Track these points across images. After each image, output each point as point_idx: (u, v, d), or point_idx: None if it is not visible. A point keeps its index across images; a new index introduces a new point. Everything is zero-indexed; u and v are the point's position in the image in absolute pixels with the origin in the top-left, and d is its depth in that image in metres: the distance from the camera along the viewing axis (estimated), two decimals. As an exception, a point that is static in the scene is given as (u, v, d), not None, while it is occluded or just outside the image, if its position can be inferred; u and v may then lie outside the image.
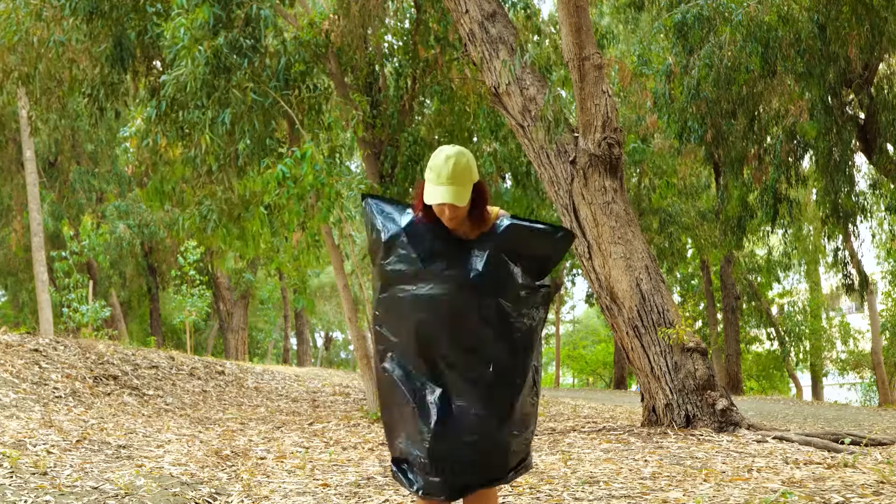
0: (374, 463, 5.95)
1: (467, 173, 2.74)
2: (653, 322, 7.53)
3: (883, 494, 4.33)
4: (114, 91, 10.95)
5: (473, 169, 2.77)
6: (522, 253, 2.86)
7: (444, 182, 2.72)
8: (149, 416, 8.60)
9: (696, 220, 19.70)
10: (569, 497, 4.57)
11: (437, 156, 2.76)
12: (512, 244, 2.85)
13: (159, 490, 4.77)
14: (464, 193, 2.74)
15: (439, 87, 11.38)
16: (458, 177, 2.72)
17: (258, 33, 9.19)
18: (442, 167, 2.72)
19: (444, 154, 2.75)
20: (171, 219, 16.11)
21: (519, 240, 2.86)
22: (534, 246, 2.90)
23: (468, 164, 2.74)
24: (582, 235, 7.85)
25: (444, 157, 2.74)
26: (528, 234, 2.88)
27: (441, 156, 2.75)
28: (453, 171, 2.72)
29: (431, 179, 2.75)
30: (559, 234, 2.94)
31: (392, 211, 2.96)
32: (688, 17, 11.27)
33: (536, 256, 2.91)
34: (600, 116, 7.72)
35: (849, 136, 12.31)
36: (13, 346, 9.97)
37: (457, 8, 8.32)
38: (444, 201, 2.72)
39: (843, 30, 10.73)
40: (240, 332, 27.33)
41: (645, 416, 7.79)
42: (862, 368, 27.54)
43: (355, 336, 9.84)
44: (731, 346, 20.82)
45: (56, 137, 20.31)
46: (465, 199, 2.74)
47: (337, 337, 46.90)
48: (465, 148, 2.81)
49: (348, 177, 9.85)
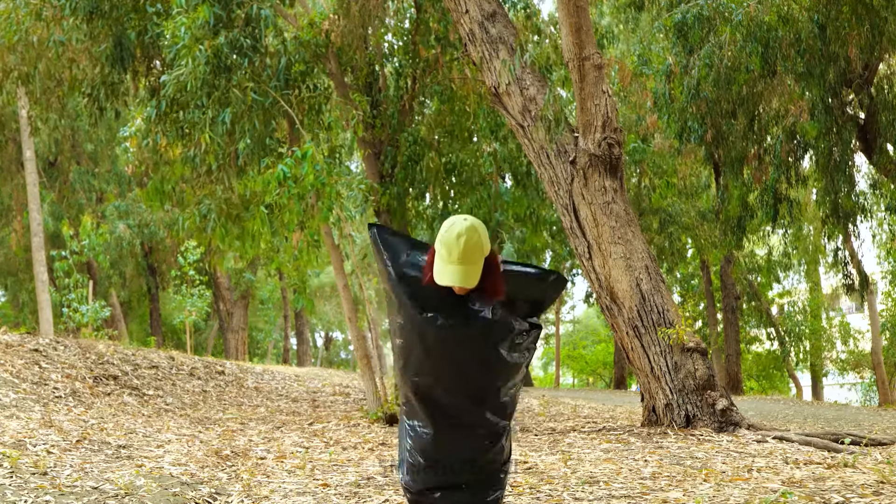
0: (374, 463, 5.95)
1: (478, 251, 2.70)
2: (653, 322, 7.53)
3: (883, 494, 4.33)
4: (114, 91, 10.95)
5: (485, 244, 2.72)
6: (517, 298, 2.88)
7: (455, 262, 2.68)
8: (149, 416, 8.60)
9: (696, 220, 19.69)
10: (569, 497, 4.57)
11: (449, 231, 2.69)
12: (510, 291, 2.86)
13: (159, 490, 4.77)
14: (475, 272, 2.71)
15: (439, 86, 11.38)
16: (469, 256, 2.68)
17: (258, 33, 9.19)
18: (453, 246, 2.67)
19: (455, 232, 2.68)
20: (171, 219, 16.11)
21: (514, 286, 2.87)
22: (528, 292, 2.93)
23: (479, 242, 2.69)
24: (582, 235, 7.85)
25: (455, 235, 2.67)
26: (522, 280, 2.91)
27: (453, 233, 2.68)
28: (464, 251, 2.67)
29: (443, 256, 2.70)
30: (551, 277, 2.97)
31: (400, 252, 2.93)
32: (688, 17, 11.27)
33: (530, 300, 2.94)
34: (600, 116, 7.72)
35: (849, 136, 12.31)
36: (13, 346, 9.97)
37: (457, 8, 8.32)
38: (455, 284, 2.69)
39: (843, 30, 10.73)
40: (240, 332, 27.32)
41: (645, 416, 7.79)
42: (862, 368, 27.52)
43: (355, 336, 9.84)
44: (731, 346, 20.81)
45: (56, 137, 20.31)
46: (475, 279, 2.71)
47: (337, 337, 46.91)
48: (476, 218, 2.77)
49: (348, 177, 9.85)
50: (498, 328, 2.82)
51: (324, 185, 8.34)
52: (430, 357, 2.85)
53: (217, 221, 10.30)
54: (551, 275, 2.95)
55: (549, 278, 2.96)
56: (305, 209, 8.55)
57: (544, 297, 2.98)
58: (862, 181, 17.79)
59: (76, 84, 10.98)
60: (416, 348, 2.86)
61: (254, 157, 9.30)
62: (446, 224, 2.72)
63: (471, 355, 2.83)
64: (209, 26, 8.78)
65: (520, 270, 2.90)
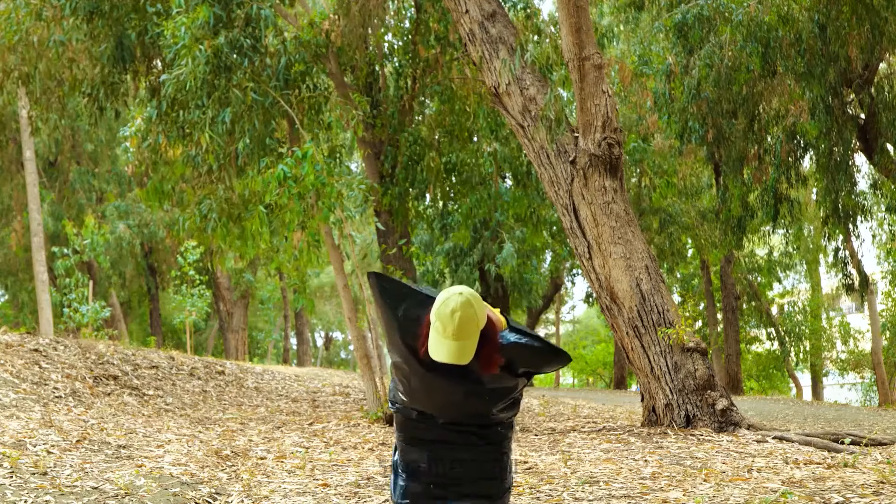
0: (374, 463, 5.95)
1: (473, 325, 2.67)
2: (653, 322, 7.53)
3: (883, 494, 4.33)
4: (114, 91, 10.95)
5: (481, 317, 2.69)
6: (521, 367, 2.88)
7: (450, 337, 2.65)
8: (149, 416, 8.60)
9: (696, 220, 19.69)
10: (569, 497, 4.56)
11: (444, 305, 2.66)
12: (512, 359, 2.84)
13: (159, 490, 4.77)
14: (469, 347, 2.68)
15: (439, 86, 11.38)
16: (463, 332, 2.65)
17: (258, 33, 9.19)
18: (447, 322, 2.64)
19: (450, 307, 2.64)
20: (171, 219, 16.11)
21: (520, 358, 2.85)
22: (533, 363, 2.91)
23: (474, 316, 2.66)
24: (582, 235, 7.84)
25: (449, 311, 2.64)
26: (528, 354, 2.87)
27: (447, 309, 2.64)
28: (458, 326, 2.64)
29: (437, 330, 2.67)
30: (559, 356, 2.93)
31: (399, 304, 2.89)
32: (688, 17, 11.27)
33: (532, 371, 2.94)
34: (600, 116, 7.72)
35: (849, 136, 12.32)
36: (13, 346, 9.97)
37: (457, 8, 8.32)
38: (449, 361, 2.67)
39: (843, 30, 10.73)
40: (240, 332, 27.32)
41: (645, 416, 7.79)
42: (862, 368, 27.51)
43: (355, 336, 9.83)
44: (731, 346, 20.81)
45: (56, 137, 20.30)
46: (470, 355, 2.69)
47: (337, 337, 46.92)
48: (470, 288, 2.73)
49: (349, 177, 9.85)
50: (494, 392, 2.85)
51: (324, 185, 8.34)
52: (424, 393, 2.88)
53: (218, 221, 10.30)
54: (559, 353, 2.92)
55: (559, 356, 2.92)
56: (305, 209, 8.55)
57: (547, 368, 2.97)
58: (862, 181, 17.79)
59: (76, 84, 10.98)
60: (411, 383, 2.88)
61: (253, 157, 9.30)
62: (441, 297, 2.69)
63: (464, 406, 2.87)
64: (209, 26, 8.78)
65: (529, 345, 2.85)
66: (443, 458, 2.91)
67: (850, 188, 12.92)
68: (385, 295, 2.89)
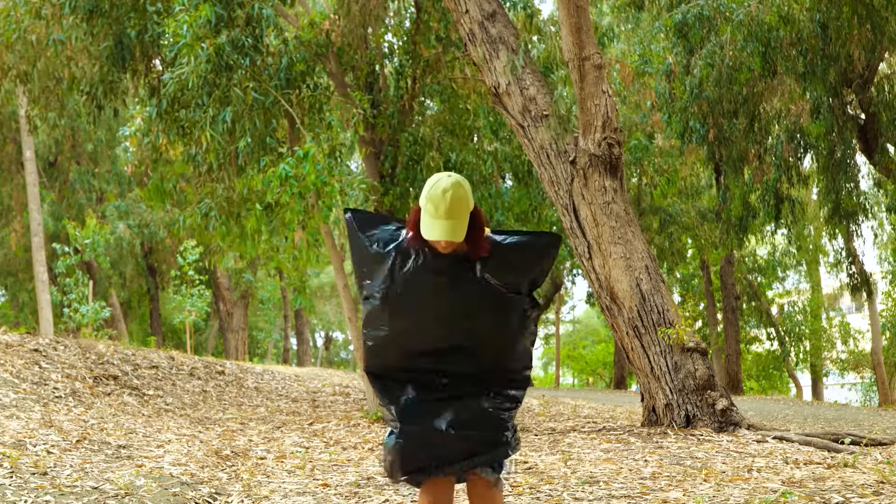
0: (374, 463, 5.95)
1: (464, 205, 2.72)
2: (653, 322, 7.53)
3: (883, 494, 4.33)
4: (112, 89, 10.94)
5: (470, 199, 2.75)
6: (514, 268, 2.87)
7: (442, 216, 2.69)
8: (149, 416, 8.60)
9: (696, 220, 19.69)
10: (569, 497, 4.56)
11: (435, 187, 2.71)
12: (501, 263, 2.84)
13: (159, 490, 4.76)
14: (461, 227, 2.72)
15: (440, 86, 11.37)
16: (455, 211, 2.70)
17: (259, 32, 9.19)
18: (439, 201, 2.69)
19: (441, 187, 2.70)
20: (171, 219, 16.11)
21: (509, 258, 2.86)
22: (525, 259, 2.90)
23: (465, 196, 2.72)
24: (582, 235, 7.84)
25: (441, 190, 2.69)
26: (516, 249, 2.87)
27: (438, 189, 2.70)
28: (451, 205, 2.69)
29: (429, 212, 2.71)
30: (544, 239, 2.94)
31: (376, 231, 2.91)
32: (688, 16, 11.27)
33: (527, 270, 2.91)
34: (600, 116, 7.72)
35: (850, 136, 12.32)
36: (13, 346, 9.97)
37: (457, 8, 8.31)
38: (443, 238, 2.71)
39: (843, 30, 10.73)
40: (240, 332, 27.32)
41: (645, 416, 7.78)
42: (862, 368, 27.51)
43: (355, 336, 9.83)
44: (731, 346, 20.81)
45: (56, 137, 20.31)
46: (462, 234, 2.73)
47: (337, 337, 46.93)
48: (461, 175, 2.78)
49: (349, 176, 9.84)
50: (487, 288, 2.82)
51: (325, 185, 8.34)
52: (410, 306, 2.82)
53: (218, 220, 10.30)
54: (543, 236, 2.93)
55: (542, 240, 2.93)
56: (305, 208, 8.55)
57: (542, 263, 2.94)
58: (863, 181, 17.79)
59: (75, 82, 10.97)
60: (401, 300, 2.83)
61: (254, 156, 9.30)
62: (431, 181, 2.74)
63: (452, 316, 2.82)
64: (211, 25, 8.78)
65: (513, 242, 2.86)
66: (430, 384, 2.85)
67: (851, 188, 12.93)
68: (360, 223, 2.91)
